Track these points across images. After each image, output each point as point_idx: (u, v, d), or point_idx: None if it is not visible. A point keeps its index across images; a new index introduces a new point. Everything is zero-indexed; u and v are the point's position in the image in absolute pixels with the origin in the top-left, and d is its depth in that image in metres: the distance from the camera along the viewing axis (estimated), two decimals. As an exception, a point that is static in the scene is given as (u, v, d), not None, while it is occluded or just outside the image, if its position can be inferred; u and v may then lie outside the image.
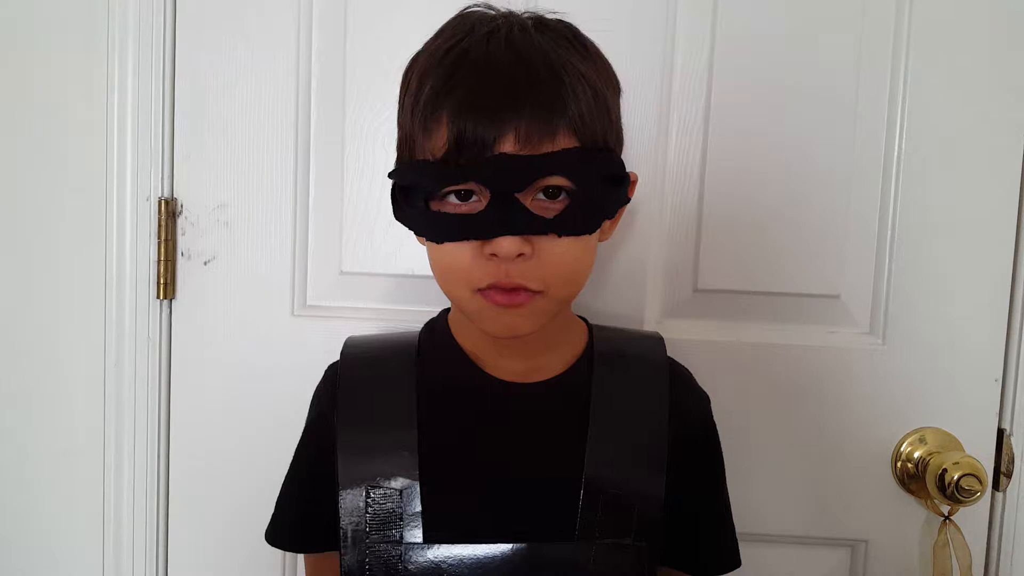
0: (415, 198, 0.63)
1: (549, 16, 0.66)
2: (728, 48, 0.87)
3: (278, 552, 0.86)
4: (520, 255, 0.60)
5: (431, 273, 0.66)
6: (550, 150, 0.59)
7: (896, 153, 0.87)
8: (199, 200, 0.91)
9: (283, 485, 0.77)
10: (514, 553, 0.64)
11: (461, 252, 0.61)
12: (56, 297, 0.93)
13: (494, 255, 0.60)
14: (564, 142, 0.59)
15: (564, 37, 0.63)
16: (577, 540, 0.65)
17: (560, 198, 0.61)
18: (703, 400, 0.75)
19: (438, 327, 0.74)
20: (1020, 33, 0.85)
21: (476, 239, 0.60)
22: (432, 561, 0.65)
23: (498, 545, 0.64)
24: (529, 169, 0.59)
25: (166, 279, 0.91)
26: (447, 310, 0.75)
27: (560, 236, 0.60)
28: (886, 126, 0.87)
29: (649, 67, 0.87)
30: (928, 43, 0.86)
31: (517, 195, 0.59)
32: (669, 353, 0.74)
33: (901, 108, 0.87)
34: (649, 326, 0.89)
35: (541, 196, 0.61)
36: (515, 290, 0.61)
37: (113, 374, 0.92)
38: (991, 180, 0.86)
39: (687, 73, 0.88)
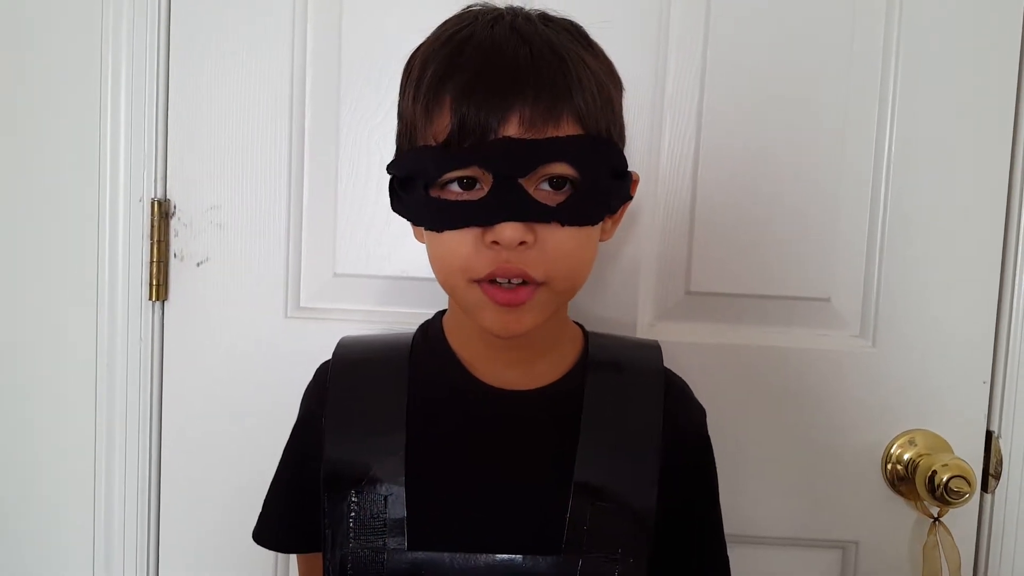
0: (415, 186, 0.61)
1: (553, 14, 0.65)
2: (721, 52, 0.88)
3: (270, 552, 0.86)
4: (522, 243, 0.58)
5: (425, 275, 0.66)
6: (554, 135, 0.58)
7: (885, 157, 0.88)
8: (192, 201, 0.91)
9: (271, 484, 0.76)
10: (498, 563, 0.63)
11: (461, 241, 0.59)
12: (48, 298, 0.92)
13: (495, 243, 0.58)
14: (568, 128, 0.58)
15: (567, 30, 0.63)
16: (563, 553, 0.63)
17: (564, 189, 0.60)
18: (698, 413, 0.74)
19: (432, 330, 0.72)
20: (1007, 39, 0.86)
21: (477, 225, 0.58)
22: (414, 568, 0.63)
23: (481, 555, 0.63)
24: (532, 153, 0.57)
25: (159, 280, 0.91)
26: (442, 312, 0.74)
27: (563, 225, 0.59)
28: (875, 130, 0.88)
29: (642, 70, 0.88)
30: (917, 47, 0.87)
31: (520, 181, 0.58)
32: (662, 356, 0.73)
33: (890, 112, 0.87)
34: (641, 328, 0.90)
35: (545, 186, 0.59)
36: (516, 288, 0.60)
37: (105, 375, 0.92)
38: (979, 185, 0.87)
39: (680, 76, 0.88)
